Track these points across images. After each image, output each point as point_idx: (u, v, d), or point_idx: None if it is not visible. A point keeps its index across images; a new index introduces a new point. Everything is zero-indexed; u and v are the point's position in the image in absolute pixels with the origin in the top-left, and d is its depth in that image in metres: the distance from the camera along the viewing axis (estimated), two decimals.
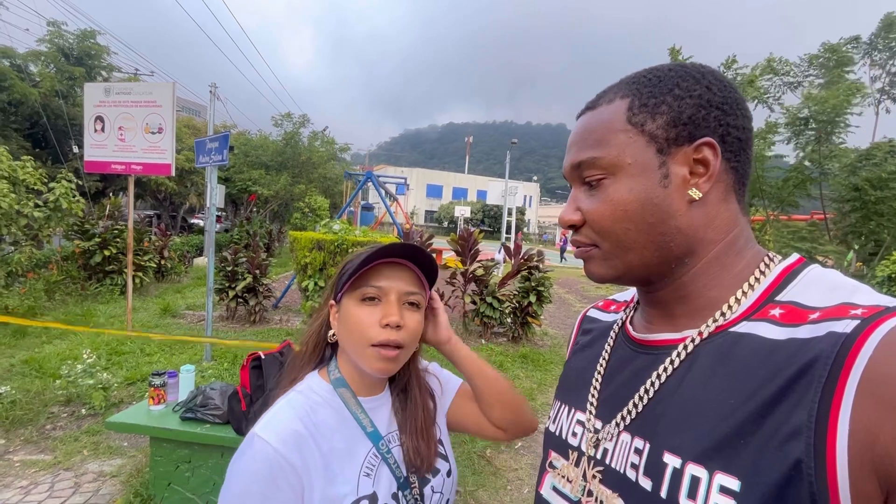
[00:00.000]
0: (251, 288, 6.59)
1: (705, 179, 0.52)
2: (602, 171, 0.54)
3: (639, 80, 0.55)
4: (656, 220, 0.52)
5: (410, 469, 0.77)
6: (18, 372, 4.23)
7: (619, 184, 0.53)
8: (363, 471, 0.72)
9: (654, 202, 0.52)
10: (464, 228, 7.02)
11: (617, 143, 0.53)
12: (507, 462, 3.30)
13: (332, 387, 0.78)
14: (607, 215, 0.54)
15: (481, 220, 41.25)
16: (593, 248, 0.57)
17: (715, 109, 0.52)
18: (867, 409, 0.38)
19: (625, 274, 0.57)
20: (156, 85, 5.42)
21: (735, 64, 5.09)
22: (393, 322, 0.73)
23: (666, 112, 0.52)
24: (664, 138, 0.52)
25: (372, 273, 0.76)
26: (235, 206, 20.25)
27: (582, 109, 0.60)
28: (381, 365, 0.74)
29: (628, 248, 0.54)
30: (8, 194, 5.65)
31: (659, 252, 0.53)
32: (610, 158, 0.53)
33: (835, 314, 0.43)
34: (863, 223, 4.27)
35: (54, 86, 14.16)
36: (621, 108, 0.54)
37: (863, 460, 0.37)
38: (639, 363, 0.58)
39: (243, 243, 11.35)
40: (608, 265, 0.57)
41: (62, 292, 6.99)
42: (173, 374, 2.62)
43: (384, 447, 0.76)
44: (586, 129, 0.57)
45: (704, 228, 0.53)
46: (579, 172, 0.57)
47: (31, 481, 2.76)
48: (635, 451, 0.52)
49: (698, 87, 0.52)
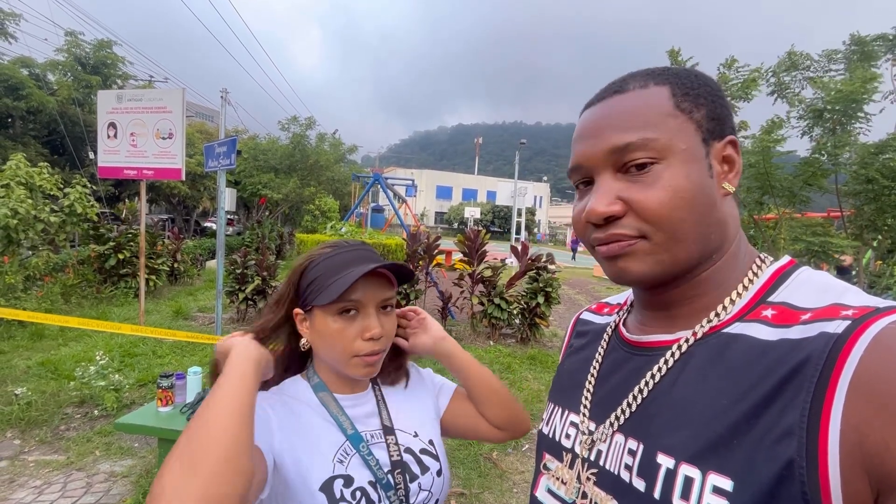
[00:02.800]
0: (260, 290, 6.66)
1: (734, 174, 0.53)
2: (653, 155, 0.50)
3: (666, 72, 0.54)
4: (706, 210, 0.50)
5: (396, 468, 0.76)
6: (35, 374, 4.32)
7: (674, 169, 0.49)
8: (337, 456, 0.73)
9: (705, 191, 0.50)
10: (471, 229, 7.01)
11: (668, 126, 0.50)
12: (514, 465, 3.27)
13: (313, 389, 0.80)
14: (666, 202, 0.49)
15: (491, 221, 41.19)
16: (640, 240, 0.51)
17: (728, 112, 0.54)
18: (858, 408, 0.38)
19: (668, 270, 0.51)
20: (166, 91, 5.52)
21: (735, 63, 5.02)
22: (376, 335, 0.75)
23: (705, 105, 0.52)
24: (707, 129, 0.52)
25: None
26: (247, 210, 20.51)
27: (601, 94, 0.56)
28: (366, 370, 0.77)
29: (680, 239, 0.50)
30: (25, 200, 5.80)
31: (702, 245, 0.51)
32: (664, 141, 0.50)
33: (826, 315, 0.43)
34: (878, 217, 4.16)
35: (71, 94, 14.53)
36: (664, 93, 0.52)
37: (854, 459, 0.37)
38: (632, 364, 0.58)
39: (254, 246, 11.48)
40: (654, 260, 0.51)
41: (78, 295, 7.14)
42: (181, 376, 2.65)
43: (364, 449, 0.76)
44: (625, 112, 0.52)
45: (731, 223, 0.54)
46: (619, 157, 0.51)
47: (45, 481, 2.81)
48: (629, 453, 0.52)
49: (718, 89, 0.54)
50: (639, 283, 0.54)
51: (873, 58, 4.53)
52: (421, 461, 0.81)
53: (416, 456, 0.81)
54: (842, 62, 4.71)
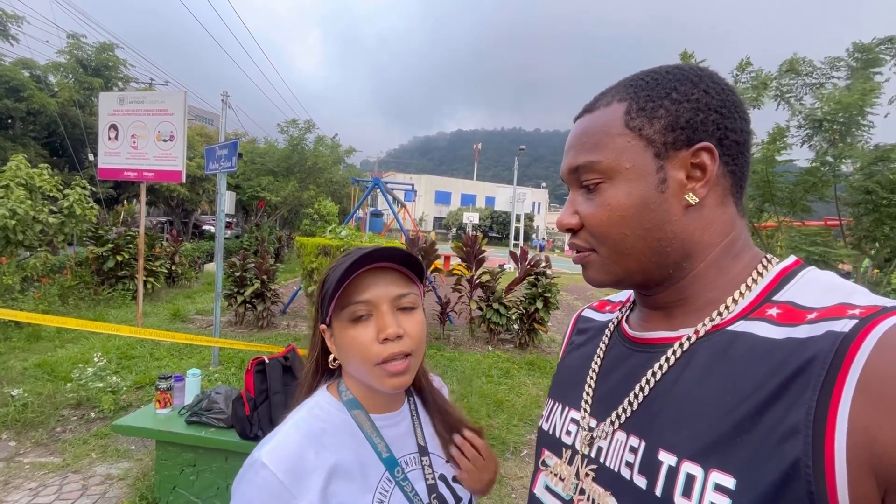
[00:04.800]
0: (259, 293, 6.65)
1: (702, 184, 0.52)
2: (600, 175, 0.54)
3: (636, 84, 0.55)
4: (653, 226, 0.52)
5: (432, 494, 0.73)
6: (31, 375, 4.30)
7: (616, 188, 0.53)
8: (376, 497, 0.68)
9: (650, 207, 0.52)
10: (467, 234, 7.02)
11: (614, 147, 0.53)
12: (513, 470, 3.26)
13: (344, 406, 0.73)
14: (604, 220, 0.54)
15: (490, 227, 41.22)
16: (591, 252, 0.57)
17: (713, 113, 0.52)
18: (866, 408, 0.37)
19: (623, 279, 0.56)
20: (167, 94, 5.53)
21: (749, 66, 5.01)
22: (391, 335, 0.67)
23: (664, 116, 0.52)
24: (662, 143, 0.52)
25: (354, 288, 0.69)
26: (246, 213, 20.50)
27: (580, 112, 0.60)
28: (393, 381, 0.68)
29: (626, 253, 0.54)
30: (25, 201, 5.79)
31: (656, 257, 0.53)
32: (607, 163, 0.53)
33: (833, 314, 0.43)
34: (876, 227, 4.17)
35: (72, 96, 14.54)
36: (619, 111, 0.54)
37: (861, 459, 0.37)
38: (634, 361, 0.58)
39: (252, 249, 11.46)
40: (606, 270, 0.56)
41: (75, 297, 7.11)
42: (179, 378, 2.64)
43: (400, 474, 0.71)
44: (584, 133, 0.56)
45: (701, 232, 0.53)
46: (577, 176, 0.56)
47: (40, 483, 2.79)
48: (630, 450, 0.52)
49: (696, 91, 0.52)
50: (600, 286, 0.59)
51: (877, 63, 4.49)
52: (454, 491, 0.76)
53: (449, 485, 0.76)
54: (844, 69, 4.70)
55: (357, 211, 10.29)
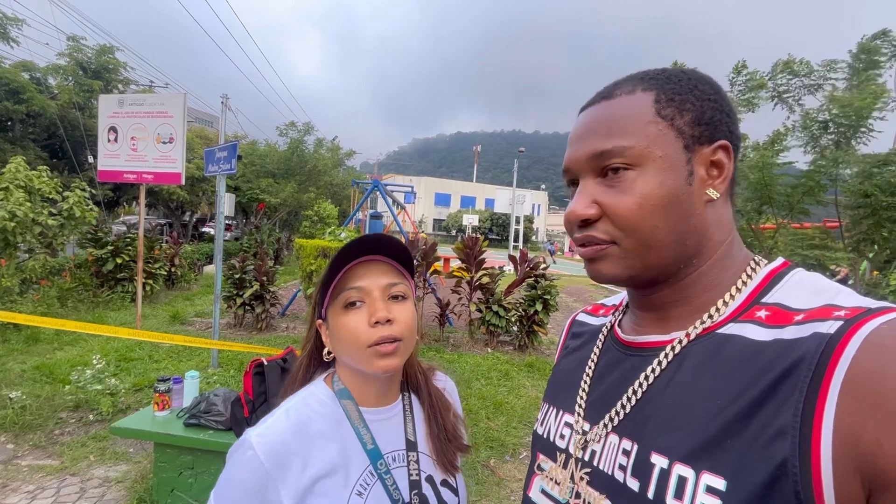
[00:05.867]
0: (258, 295, 6.64)
1: (721, 180, 0.53)
2: (629, 162, 0.51)
3: (657, 77, 0.54)
4: (680, 218, 0.51)
5: (413, 490, 0.73)
6: (30, 377, 4.29)
7: (648, 176, 0.51)
8: (355, 489, 0.69)
9: (680, 199, 0.51)
10: (468, 236, 7.02)
11: (646, 133, 0.51)
12: (512, 472, 3.26)
13: (336, 396, 0.76)
14: (636, 209, 0.51)
15: (489, 229, 41.23)
16: (611, 245, 0.53)
17: (725, 115, 0.53)
18: (850, 408, 0.38)
19: (639, 274, 0.54)
20: (167, 96, 5.55)
21: (745, 69, 5.04)
22: (381, 318, 0.70)
23: (691, 110, 0.52)
24: (690, 135, 0.52)
25: (348, 277, 0.74)
26: (245, 215, 20.49)
27: (593, 99, 0.57)
28: (383, 362, 0.71)
29: (652, 245, 0.52)
30: (24, 203, 5.79)
31: (676, 251, 0.52)
32: (639, 149, 0.51)
33: (819, 315, 0.44)
34: (875, 230, 4.18)
35: (72, 98, 14.55)
36: (647, 99, 0.52)
37: (847, 459, 0.38)
38: (627, 365, 0.58)
39: (252, 251, 11.46)
40: (625, 264, 0.53)
41: (75, 299, 7.10)
42: (178, 380, 2.64)
43: (382, 467, 0.72)
44: (607, 118, 0.53)
45: (714, 229, 0.53)
46: (598, 163, 0.53)
47: (38, 486, 2.78)
48: (623, 453, 0.52)
49: (713, 92, 0.54)
50: (610, 282, 0.56)
51: (877, 65, 4.47)
52: (440, 495, 0.76)
53: (435, 488, 0.76)
54: (844, 71, 4.70)
55: (357, 213, 10.30)
